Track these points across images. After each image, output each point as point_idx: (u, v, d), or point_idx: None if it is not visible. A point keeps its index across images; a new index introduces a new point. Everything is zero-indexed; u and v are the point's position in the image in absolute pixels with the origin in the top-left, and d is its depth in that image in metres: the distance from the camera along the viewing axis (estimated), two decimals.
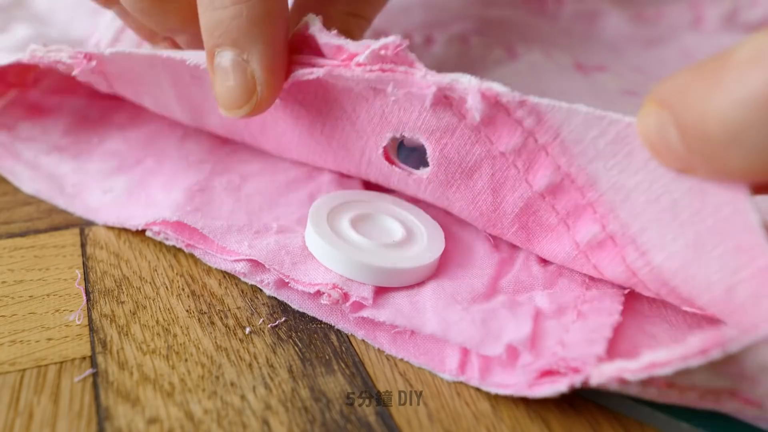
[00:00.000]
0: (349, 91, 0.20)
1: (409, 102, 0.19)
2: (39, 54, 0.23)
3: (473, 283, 0.20)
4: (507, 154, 0.18)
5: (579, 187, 0.18)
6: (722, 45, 0.39)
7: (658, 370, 0.15)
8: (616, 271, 0.19)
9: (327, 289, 0.19)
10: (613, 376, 0.16)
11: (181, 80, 0.23)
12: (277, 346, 0.19)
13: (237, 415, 0.17)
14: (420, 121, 0.19)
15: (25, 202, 0.24)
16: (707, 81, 0.14)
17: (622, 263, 0.18)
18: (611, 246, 0.18)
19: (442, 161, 0.20)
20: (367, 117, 0.20)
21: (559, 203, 0.19)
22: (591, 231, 0.18)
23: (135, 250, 0.22)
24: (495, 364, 0.18)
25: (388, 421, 0.17)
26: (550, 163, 0.18)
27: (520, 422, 0.17)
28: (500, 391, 0.18)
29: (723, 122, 0.13)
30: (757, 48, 0.13)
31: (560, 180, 0.18)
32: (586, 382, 0.16)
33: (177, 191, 0.23)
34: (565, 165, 0.18)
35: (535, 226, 0.20)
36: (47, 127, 0.27)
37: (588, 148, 0.17)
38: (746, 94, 0.13)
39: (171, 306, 0.20)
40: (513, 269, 0.21)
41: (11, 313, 0.19)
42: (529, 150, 0.18)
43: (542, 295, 0.20)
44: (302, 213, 0.23)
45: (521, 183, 0.19)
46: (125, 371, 0.18)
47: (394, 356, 0.19)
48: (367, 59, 0.18)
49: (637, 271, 0.18)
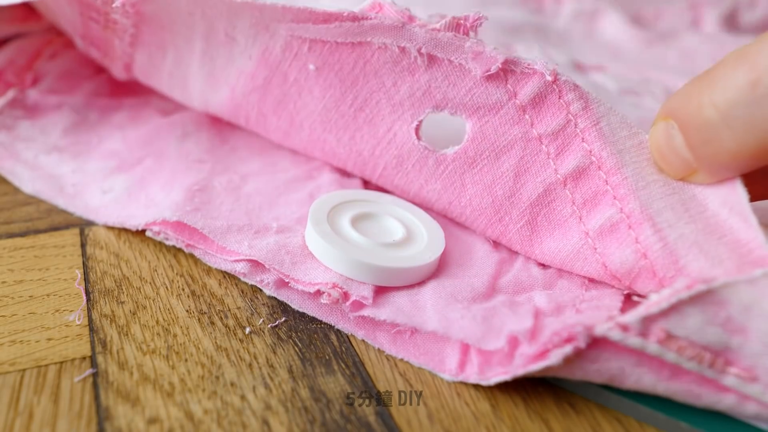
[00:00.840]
0: (396, 63, 0.21)
1: (460, 77, 0.20)
2: None
3: (473, 282, 0.20)
4: (543, 137, 0.20)
5: (606, 171, 0.19)
6: (722, 45, 0.39)
7: (653, 308, 0.16)
8: (624, 254, 0.19)
9: (327, 288, 0.19)
10: (612, 326, 0.16)
11: (215, 36, 0.23)
12: (277, 346, 0.19)
13: (237, 415, 0.17)
14: (468, 97, 0.20)
15: (25, 202, 0.24)
16: (702, 81, 0.17)
17: (633, 244, 0.19)
18: (624, 228, 0.19)
19: (476, 138, 0.21)
20: (409, 91, 0.21)
21: (579, 190, 0.20)
22: (606, 215, 0.19)
23: (135, 250, 0.22)
24: (495, 363, 0.18)
25: (388, 421, 0.17)
26: (582, 148, 0.19)
27: (520, 422, 0.17)
28: (498, 379, 0.17)
29: (715, 106, 0.17)
30: (740, 51, 0.17)
31: (588, 165, 0.19)
32: (591, 332, 0.16)
33: (177, 191, 0.23)
34: (597, 149, 0.19)
35: (543, 221, 0.20)
36: (47, 127, 0.27)
37: (619, 141, 0.19)
38: (733, 83, 0.16)
39: (171, 306, 0.20)
40: (513, 269, 0.21)
41: (11, 313, 0.19)
42: (567, 134, 0.19)
43: (541, 295, 0.20)
44: (302, 212, 0.23)
45: (547, 168, 0.20)
46: (125, 371, 0.18)
47: (394, 356, 0.19)
48: (443, 27, 0.20)
49: (649, 248, 0.18)
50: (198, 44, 0.24)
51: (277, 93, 0.23)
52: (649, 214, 0.18)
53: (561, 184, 0.20)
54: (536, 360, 0.17)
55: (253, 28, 0.22)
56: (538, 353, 0.17)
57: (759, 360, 0.16)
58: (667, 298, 0.16)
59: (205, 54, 0.24)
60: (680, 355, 0.16)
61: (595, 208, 0.20)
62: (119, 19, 0.24)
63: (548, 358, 0.17)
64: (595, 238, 0.20)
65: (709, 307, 0.16)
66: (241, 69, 0.23)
